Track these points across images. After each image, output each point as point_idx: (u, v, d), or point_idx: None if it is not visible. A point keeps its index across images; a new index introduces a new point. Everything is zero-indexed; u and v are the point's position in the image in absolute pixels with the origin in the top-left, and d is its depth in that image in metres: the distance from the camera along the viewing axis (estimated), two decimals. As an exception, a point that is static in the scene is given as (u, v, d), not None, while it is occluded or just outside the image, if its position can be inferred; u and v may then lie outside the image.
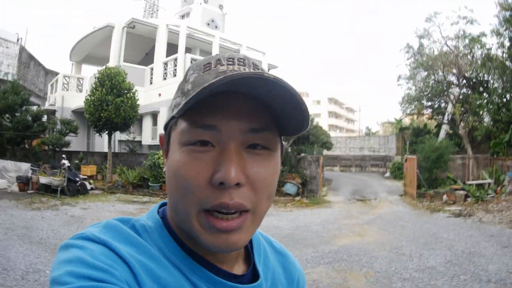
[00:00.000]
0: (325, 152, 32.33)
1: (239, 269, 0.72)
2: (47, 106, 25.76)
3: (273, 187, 0.63)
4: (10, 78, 22.49)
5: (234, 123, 0.58)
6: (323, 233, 9.40)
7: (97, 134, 17.69)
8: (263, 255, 0.80)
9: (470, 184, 14.41)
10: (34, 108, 21.56)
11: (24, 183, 14.61)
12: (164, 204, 0.74)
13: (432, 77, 19.93)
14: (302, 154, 17.61)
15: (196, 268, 0.64)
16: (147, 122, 21.63)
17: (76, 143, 21.18)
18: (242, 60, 0.63)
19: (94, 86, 16.43)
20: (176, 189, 0.60)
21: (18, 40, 25.99)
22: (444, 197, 13.51)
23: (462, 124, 18.37)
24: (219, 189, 0.56)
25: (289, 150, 17.29)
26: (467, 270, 6.19)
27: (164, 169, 0.67)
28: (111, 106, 15.71)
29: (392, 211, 12.76)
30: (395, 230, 9.59)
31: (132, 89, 16.73)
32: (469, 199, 13.38)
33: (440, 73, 19.31)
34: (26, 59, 26.71)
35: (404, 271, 6.21)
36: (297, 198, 15.36)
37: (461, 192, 13.69)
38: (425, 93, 20.54)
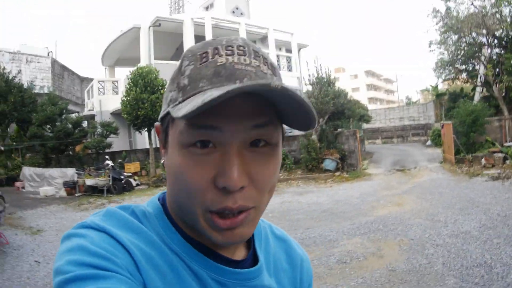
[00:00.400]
0: (365, 125, 31.92)
1: (240, 254, 0.71)
2: (86, 112, 26.44)
3: (274, 181, 0.62)
4: (46, 90, 23.31)
5: (237, 121, 0.54)
6: (361, 206, 9.44)
7: (137, 132, 18.13)
8: (264, 240, 0.78)
9: (508, 146, 13.86)
10: (74, 115, 22.29)
11: (71, 187, 15.09)
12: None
13: (463, 40, 19.16)
14: (339, 129, 17.49)
15: (195, 255, 0.64)
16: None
17: (118, 143, 21.64)
18: (242, 47, 0.58)
19: (128, 87, 16.79)
20: (180, 189, 0.59)
21: (48, 54, 26.83)
22: (483, 161, 13.10)
23: (497, 85, 17.66)
24: (223, 191, 0.55)
25: (325, 126, 17.18)
26: (501, 233, 6.09)
27: (162, 160, 0.66)
28: (147, 103, 16.04)
29: (431, 178, 12.55)
30: (432, 197, 9.49)
31: (165, 85, 16.98)
32: (508, 162, 12.94)
33: (471, 35, 18.55)
34: (59, 70, 27.56)
35: (438, 237, 6.20)
36: (337, 173, 15.34)
37: (500, 154, 13.23)
38: (458, 57, 19.81)
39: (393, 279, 4.74)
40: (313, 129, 0.59)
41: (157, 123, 0.67)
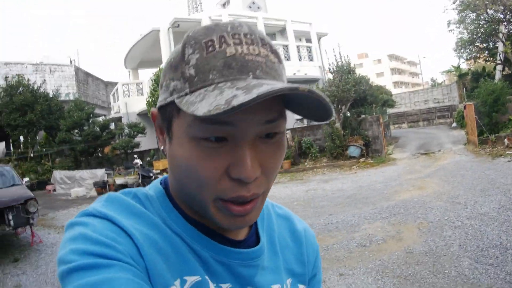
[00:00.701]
0: (391, 110, 31.49)
1: (241, 234, 0.71)
2: (112, 114, 26.74)
3: (280, 166, 0.61)
4: (72, 97, 23.76)
5: (251, 117, 0.53)
6: (384, 190, 9.47)
7: None
8: (266, 220, 0.78)
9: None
10: (101, 119, 22.66)
11: (101, 187, 15.27)
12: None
13: (482, 17, 18.61)
14: (362, 116, 17.40)
15: (198, 237, 0.63)
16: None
17: (146, 142, 21.84)
18: (249, 36, 0.56)
19: (152, 88, 17.09)
20: (190, 180, 0.57)
21: (71, 62, 27.34)
22: (505, 141, 12.74)
23: None
24: (237, 181, 0.55)
25: (348, 114, 17.11)
26: (520, 214, 5.99)
27: (162, 148, 0.65)
28: None
29: (454, 161, 12.39)
30: (454, 180, 9.41)
31: None
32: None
33: (488, 12, 17.98)
34: (83, 77, 27.96)
35: (457, 220, 6.21)
36: (362, 159, 15.32)
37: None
38: (478, 35, 19.29)
39: (410, 260, 4.84)
40: (328, 121, 0.63)
41: (154, 109, 0.65)
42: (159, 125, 0.64)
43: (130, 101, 24.21)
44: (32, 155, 20.77)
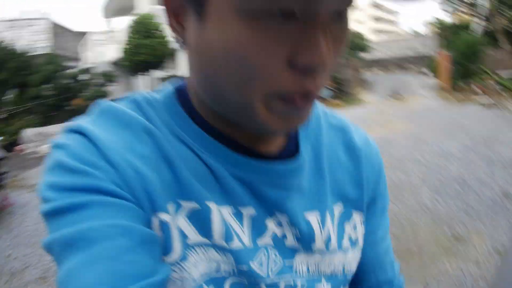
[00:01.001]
0: (366, 56, 31.51)
1: (276, 146, 0.54)
2: (84, 65, 26.26)
3: None
4: (46, 51, 22.89)
5: None
6: (351, 129, 9.43)
7: (136, 77, 19.30)
8: (314, 128, 0.60)
9: (501, 77, 13.50)
10: (73, 70, 22.01)
11: None
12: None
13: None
14: (335, 59, 17.35)
15: (212, 146, 0.50)
16: (182, 56, 21.92)
17: (118, 91, 21.69)
18: None
19: (131, 35, 17.31)
20: (232, 71, 0.41)
21: (43, 15, 26.36)
22: (476, 89, 12.95)
23: (496, 18, 16.95)
24: (301, 72, 0.40)
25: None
26: (481, 154, 6.04)
27: (177, 37, 0.48)
28: (148, 49, 16.66)
29: (423, 104, 12.44)
30: (422, 121, 9.40)
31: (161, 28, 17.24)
32: (500, 91, 12.71)
33: None
34: (57, 30, 27.14)
35: (421, 156, 6.21)
36: (332, 101, 15.33)
37: (492, 83, 12.96)
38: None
39: (370, 191, 4.81)
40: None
41: None
42: (174, 5, 0.45)
43: (103, 50, 24.14)
44: (5, 116, 19.94)
